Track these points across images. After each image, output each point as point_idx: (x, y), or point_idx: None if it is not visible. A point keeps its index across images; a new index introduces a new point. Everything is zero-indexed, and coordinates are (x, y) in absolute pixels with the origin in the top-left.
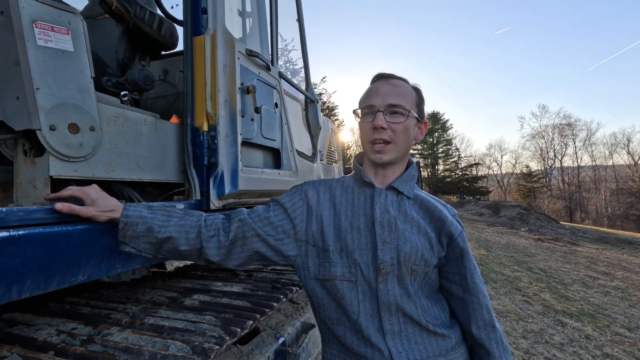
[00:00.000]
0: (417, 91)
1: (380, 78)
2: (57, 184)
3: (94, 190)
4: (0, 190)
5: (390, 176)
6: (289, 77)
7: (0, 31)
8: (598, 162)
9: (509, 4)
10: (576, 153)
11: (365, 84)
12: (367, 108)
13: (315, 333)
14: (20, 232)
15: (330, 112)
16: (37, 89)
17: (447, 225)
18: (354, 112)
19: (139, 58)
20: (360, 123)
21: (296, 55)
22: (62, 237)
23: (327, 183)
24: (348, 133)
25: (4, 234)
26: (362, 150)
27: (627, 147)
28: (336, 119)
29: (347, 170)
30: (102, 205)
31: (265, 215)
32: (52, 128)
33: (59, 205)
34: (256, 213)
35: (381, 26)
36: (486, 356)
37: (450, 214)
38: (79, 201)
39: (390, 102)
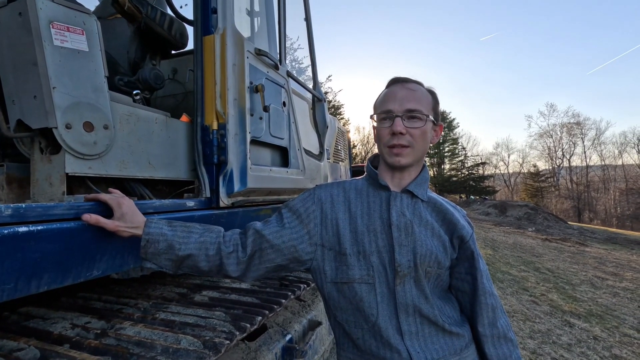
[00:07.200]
0: (433, 94)
1: (395, 82)
2: (72, 181)
3: (126, 204)
4: (17, 186)
5: (406, 179)
6: (296, 75)
7: (18, 32)
8: (607, 162)
9: (512, 4)
10: (585, 152)
11: (370, 82)
12: (385, 113)
13: (322, 331)
14: (39, 228)
15: (336, 110)
16: (53, 88)
17: (458, 229)
18: (371, 117)
19: (150, 57)
20: (377, 128)
21: (302, 54)
22: (78, 232)
23: (341, 185)
24: (353, 131)
25: (24, 229)
26: (361, 150)
27: (638, 146)
28: (342, 118)
29: (353, 169)
30: (128, 221)
31: (279, 225)
32: (67, 126)
33: (86, 216)
34: (270, 224)
35: (386, 24)
36: (485, 354)
37: (460, 215)
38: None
39: (408, 107)
